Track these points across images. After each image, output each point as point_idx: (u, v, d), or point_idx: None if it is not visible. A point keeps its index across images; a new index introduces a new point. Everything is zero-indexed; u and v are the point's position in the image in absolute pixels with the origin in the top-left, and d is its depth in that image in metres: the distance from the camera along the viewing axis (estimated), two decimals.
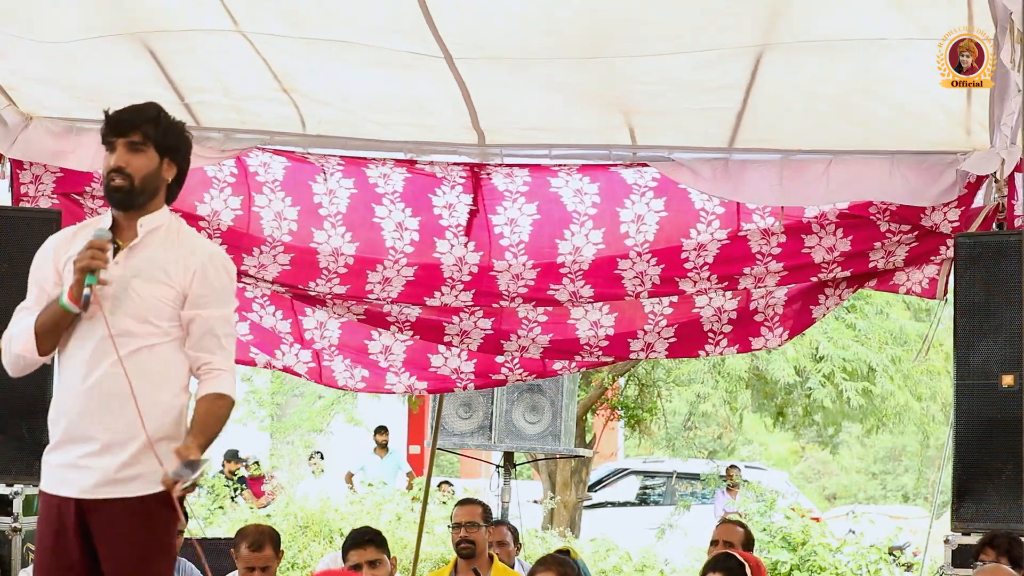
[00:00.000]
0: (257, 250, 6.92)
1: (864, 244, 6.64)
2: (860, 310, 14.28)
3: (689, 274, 6.82)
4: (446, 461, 24.70)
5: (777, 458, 32.23)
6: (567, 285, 6.92)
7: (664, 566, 13.41)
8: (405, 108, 6.71)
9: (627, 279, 6.88)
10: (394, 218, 6.94)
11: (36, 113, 6.94)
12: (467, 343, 7.22)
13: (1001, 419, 5.99)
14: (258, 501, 17.12)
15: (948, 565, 6.05)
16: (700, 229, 6.82)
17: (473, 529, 7.22)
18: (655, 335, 7.10)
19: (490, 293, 6.99)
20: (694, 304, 7.03)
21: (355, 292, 7.01)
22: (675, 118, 6.58)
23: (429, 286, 6.99)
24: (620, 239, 6.88)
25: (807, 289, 6.90)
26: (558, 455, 11.44)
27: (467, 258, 6.95)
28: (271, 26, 6.15)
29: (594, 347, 7.16)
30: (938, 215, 6.47)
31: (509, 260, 6.94)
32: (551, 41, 6.06)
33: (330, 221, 6.94)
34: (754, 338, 7.05)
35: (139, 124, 4.32)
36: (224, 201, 6.94)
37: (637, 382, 15.21)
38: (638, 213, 6.87)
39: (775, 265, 6.74)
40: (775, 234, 6.70)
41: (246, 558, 6.21)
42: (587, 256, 6.89)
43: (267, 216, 6.92)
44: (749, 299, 6.97)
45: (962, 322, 6.14)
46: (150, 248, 4.36)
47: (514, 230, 6.96)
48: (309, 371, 7.40)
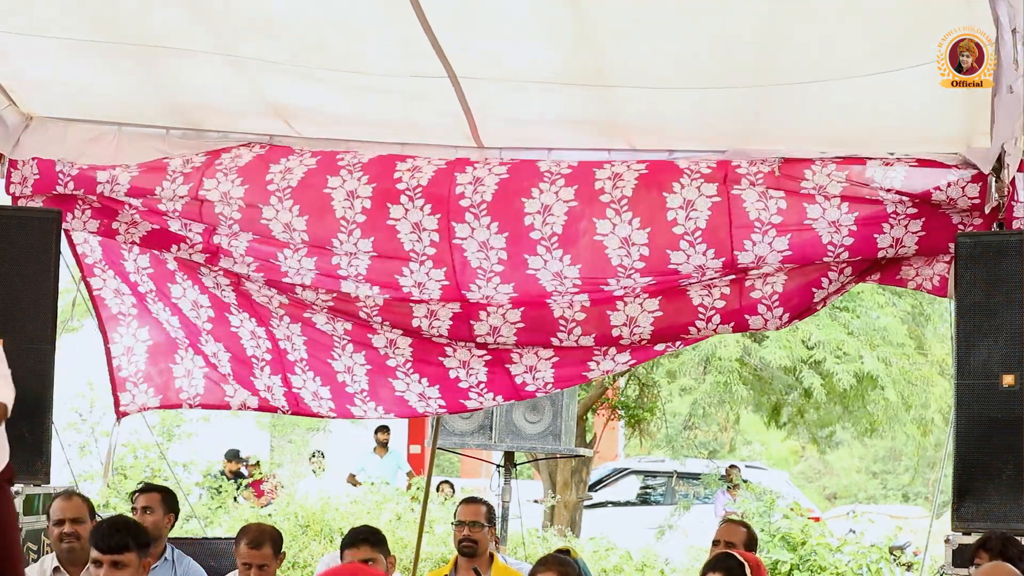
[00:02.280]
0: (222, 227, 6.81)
1: (871, 225, 6.34)
2: (853, 311, 14.27)
3: (681, 243, 6.40)
4: (446, 461, 24.68)
5: (777, 458, 32.20)
6: (544, 255, 6.53)
7: (664, 566, 13.39)
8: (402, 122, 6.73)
9: (611, 249, 6.47)
10: (346, 187, 6.67)
11: (36, 113, 6.95)
12: (436, 326, 6.81)
13: (1001, 419, 5.99)
14: (258, 500, 17.11)
15: (948, 565, 6.05)
16: (684, 183, 6.43)
17: (477, 528, 7.23)
18: (637, 307, 6.61)
19: (462, 266, 6.59)
20: (679, 275, 6.51)
21: (322, 266, 6.74)
22: (675, 137, 6.58)
23: (392, 258, 6.67)
24: (595, 195, 6.49)
25: (810, 270, 6.52)
26: (558, 455, 11.42)
27: (424, 222, 6.59)
28: (265, 52, 6.19)
29: (570, 320, 6.66)
30: (955, 190, 6.24)
31: (470, 223, 6.58)
32: (554, 67, 6.08)
33: (277, 196, 6.72)
34: (751, 316, 6.61)
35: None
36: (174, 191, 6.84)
37: (637, 382, 15.21)
38: (616, 172, 6.52)
39: (780, 242, 6.37)
40: (773, 198, 6.38)
41: (244, 554, 6.22)
42: (558, 215, 6.51)
43: (214, 197, 6.79)
44: (744, 278, 6.53)
45: (962, 322, 6.13)
46: None
47: (476, 190, 6.58)
48: (286, 396, 7.28)
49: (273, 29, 6.05)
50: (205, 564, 7.01)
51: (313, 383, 7.19)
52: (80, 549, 5.94)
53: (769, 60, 5.95)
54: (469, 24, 5.86)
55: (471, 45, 5.99)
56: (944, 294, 6.59)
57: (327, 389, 7.18)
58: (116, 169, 6.85)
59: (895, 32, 5.71)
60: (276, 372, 7.22)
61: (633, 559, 13.20)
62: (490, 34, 5.91)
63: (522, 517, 11.41)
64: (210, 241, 6.84)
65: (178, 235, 6.92)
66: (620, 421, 16.15)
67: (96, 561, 5.09)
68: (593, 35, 5.87)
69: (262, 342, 7.22)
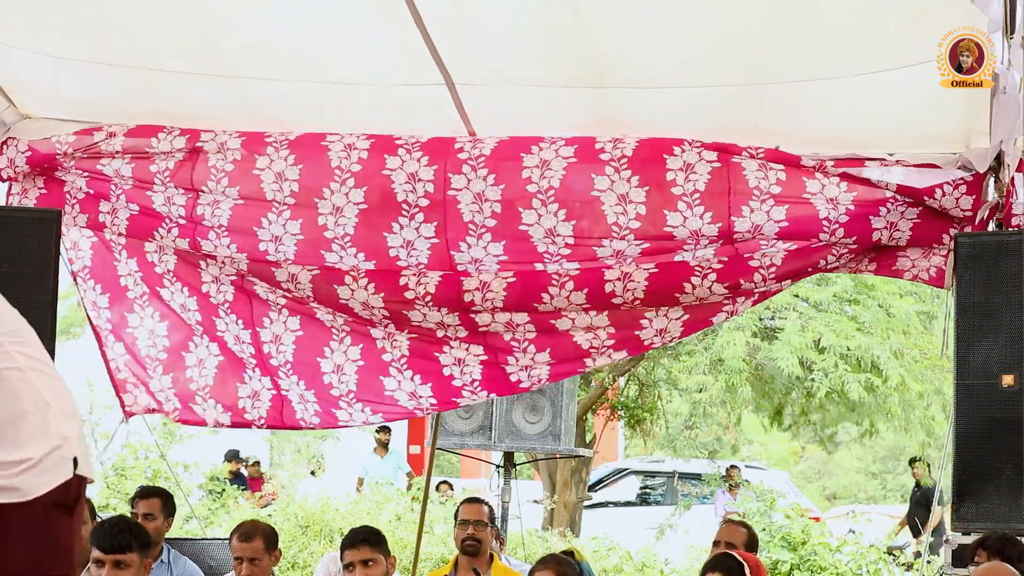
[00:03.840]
0: (206, 189, 6.78)
1: (867, 205, 6.32)
2: (864, 303, 14.26)
3: (679, 204, 6.35)
4: (446, 461, 24.70)
5: (777, 458, 32.24)
6: (539, 210, 6.43)
7: (664, 566, 13.41)
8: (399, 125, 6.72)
9: (607, 206, 6.38)
10: (344, 141, 6.63)
11: (35, 114, 6.95)
12: (424, 284, 6.65)
13: (1001, 419, 5.98)
14: (258, 501, 17.12)
15: (948, 565, 6.05)
16: (685, 148, 6.40)
17: (480, 528, 7.27)
18: (632, 264, 6.46)
19: (454, 219, 6.52)
20: (672, 239, 6.40)
21: (307, 231, 6.66)
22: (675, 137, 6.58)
23: (383, 211, 6.58)
24: (595, 153, 6.44)
25: (808, 251, 6.43)
26: (558, 455, 11.44)
27: (420, 173, 6.54)
28: (258, 63, 6.19)
29: (563, 275, 6.48)
30: (948, 200, 6.26)
31: (467, 174, 6.52)
32: (550, 69, 6.08)
33: (274, 146, 6.70)
34: (745, 280, 6.44)
35: None
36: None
37: (637, 382, 15.22)
38: (616, 137, 6.48)
39: (777, 212, 6.31)
40: (773, 169, 6.35)
41: (235, 548, 6.26)
42: (556, 170, 6.46)
43: (211, 148, 6.77)
44: (742, 253, 6.42)
45: (962, 322, 6.13)
46: None
47: (476, 145, 6.55)
48: (272, 400, 7.17)
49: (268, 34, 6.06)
50: (204, 564, 7.02)
51: (298, 387, 7.13)
52: (82, 549, 5.95)
53: (769, 59, 5.95)
54: (465, 27, 5.86)
55: (467, 48, 5.99)
56: (941, 284, 6.57)
57: (312, 393, 7.11)
58: (113, 127, 6.86)
59: (895, 31, 5.71)
60: (266, 374, 7.18)
61: (633, 559, 13.22)
62: (487, 36, 5.91)
63: (522, 518, 11.43)
64: (192, 214, 6.77)
65: (159, 214, 6.87)
66: (620, 421, 16.16)
67: (98, 561, 5.10)
68: (591, 36, 5.87)
69: (246, 347, 7.17)
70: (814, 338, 13.87)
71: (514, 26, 5.82)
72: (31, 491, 3.68)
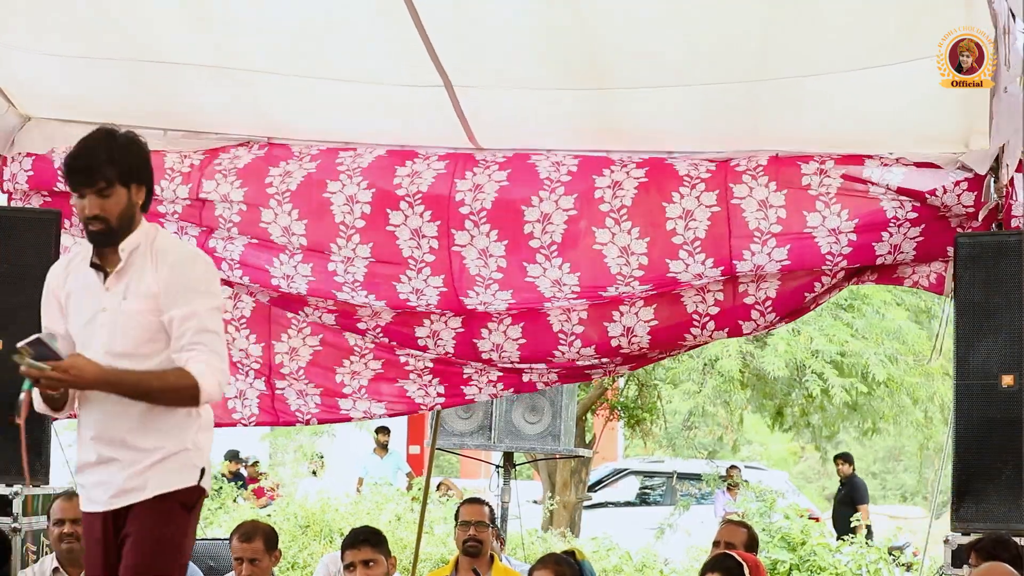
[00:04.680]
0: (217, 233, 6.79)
1: (870, 232, 6.30)
2: (858, 309, 14.26)
3: (680, 252, 6.39)
4: (446, 461, 24.70)
5: (777, 458, 32.22)
6: (543, 264, 6.50)
7: (664, 566, 13.40)
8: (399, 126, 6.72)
9: (610, 258, 6.46)
10: (346, 192, 6.63)
11: (34, 115, 6.95)
12: (441, 345, 6.84)
13: (1001, 419, 5.98)
14: (258, 501, 17.12)
15: (948, 565, 6.04)
16: (684, 192, 6.42)
17: (482, 528, 7.28)
18: (633, 317, 6.61)
19: (460, 273, 6.58)
20: (677, 283, 6.50)
21: (319, 272, 6.70)
22: (674, 137, 6.58)
23: (390, 263, 6.63)
24: (594, 204, 6.48)
25: (803, 274, 6.48)
26: (558, 455, 11.43)
27: (423, 229, 6.58)
28: (257, 63, 6.19)
29: (569, 334, 6.68)
30: (950, 197, 6.23)
31: (470, 230, 6.56)
32: (550, 68, 6.08)
33: (276, 199, 6.70)
34: (744, 321, 6.58)
35: (97, 170, 4.39)
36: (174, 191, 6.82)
37: (637, 382, 15.21)
38: (615, 179, 6.50)
39: (779, 252, 6.35)
40: (773, 207, 6.35)
41: (235, 548, 6.26)
42: (557, 224, 6.50)
43: (215, 199, 6.76)
44: (737, 283, 6.52)
45: (962, 322, 6.12)
46: (133, 268, 4.49)
47: (476, 197, 6.56)
48: (260, 399, 7.15)
49: (268, 34, 6.06)
50: (204, 564, 7.02)
51: (299, 383, 7.12)
52: (79, 549, 5.95)
53: (769, 59, 5.94)
54: (464, 28, 5.86)
55: (466, 49, 5.98)
56: (941, 291, 6.57)
57: (318, 389, 7.11)
58: None
59: (895, 30, 5.70)
60: (259, 376, 7.15)
61: (633, 559, 13.21)
62: (486, 36, 5.91)
63: (521, 518, 11.42)
64: (205, 245, 6.82)
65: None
66: (620, 421, 16.15)
67: None
68: (592, 36, 5.87)
69: (252, 360, 7.14)
70: (806, 344, 13.87)
71: (514, 26, 5.82)
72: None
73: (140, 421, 4.44)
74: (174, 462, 4.47)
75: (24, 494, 6.51)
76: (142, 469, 4.44)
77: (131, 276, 4.48)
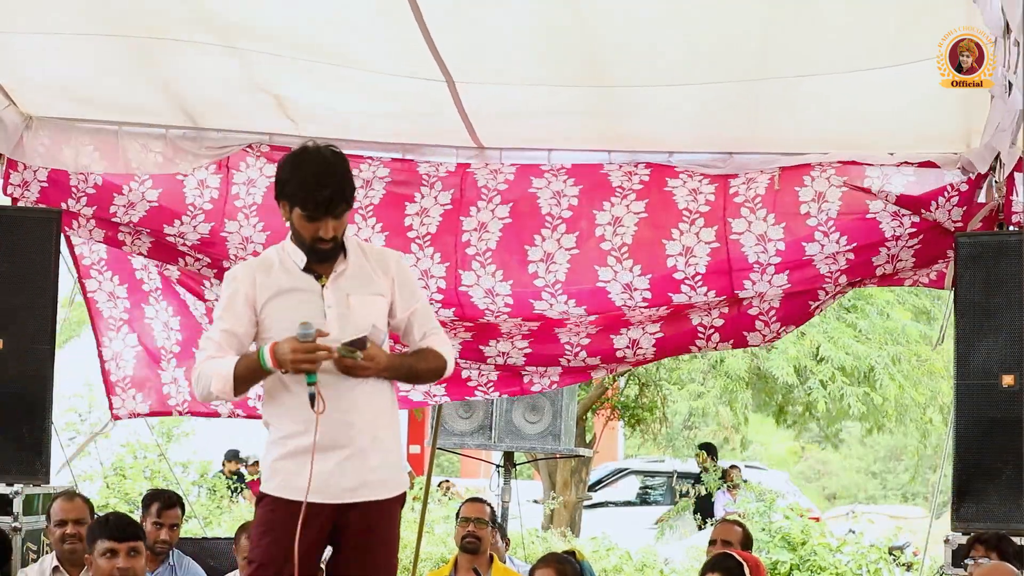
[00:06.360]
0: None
1: (868, 251, 6.44)
2: (861, 310, 14.27)
3: (682, 287, 6.56)
4: (446, 461, 24.69)
5: (777, 458, 32.23)
6: (548, 300, 6.67)
7: (664, 566, 13.40)
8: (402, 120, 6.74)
9: (614, 293, 6.62)
10: (361, 235, 6.68)
11: (35, 113, 6.95)
12: None
13: (1001, 419, 5.99)
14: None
15: (948, 565, 6.05)
16: (683, 228, 6.57)
17: (481, 526, 7.32)
18: (639, 330, 6.78)
19: (470, 308, 6.76)
20: (682, 307, 6.69)
21: None
22: (674, 138, 6.61)
23: None
24: (596, 243, 6.64)
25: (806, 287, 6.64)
26: (558, 455, 11.42)
27: (432, 270, 6.74)
28: (264, 45, 6.18)
29: (575, 345, 6.86)
30: (941, 213, 6.36)
31: (476, 271, 6.73)
32: (550, 67, 6.09)
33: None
34: (748, 332, 6.75)
35: (341, 197, 4.56)
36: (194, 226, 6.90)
37: (637, 382, 15.21)
38: (615, 215, 6.64)
39: (779, 278, 6.50)
40: (771, 240, 6.48)
41: (244, 550, 6.24)
42: (561, 264, 6.66)
43: (235, 241, 6.86)
44: (742, 299, 6.66)
45: (962, 322, 6.13)
46: (351, 265, 4.67)
47: (482, 236, 6.74)
48: None
49: (272, 30, 6.06)
50: (205, 564, 7.02)
51: None
52: (81, 550, 5.95)
53: (769, 59, 5.95)
54: (465, 26, 5.86)
55: (467, 48, 5.99)
56: (941, 286, 6.61)
57: None
58: (133, 184, 6.86)
59: (895, 30, 5.71)
60: None
61: (633, 559, 13.21)
62: (487, 35, 5.91)
63: (522, 517, 11.41)
64: (219, 264, 6.89)
65: (185, 254, 6.99)
66: (620, 421, 16.15)
67: (111, 551, 5.26)
68: (592, 36, 5.87)
69: None
70: (812, 347, 13.88)
71: (514, 26, 5.83)
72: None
73: (390, 418, 4.68)
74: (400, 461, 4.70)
75: (24, 494, 6.52)
76: (388, 464, 4.62)
77: (351, 274, 4.64)
